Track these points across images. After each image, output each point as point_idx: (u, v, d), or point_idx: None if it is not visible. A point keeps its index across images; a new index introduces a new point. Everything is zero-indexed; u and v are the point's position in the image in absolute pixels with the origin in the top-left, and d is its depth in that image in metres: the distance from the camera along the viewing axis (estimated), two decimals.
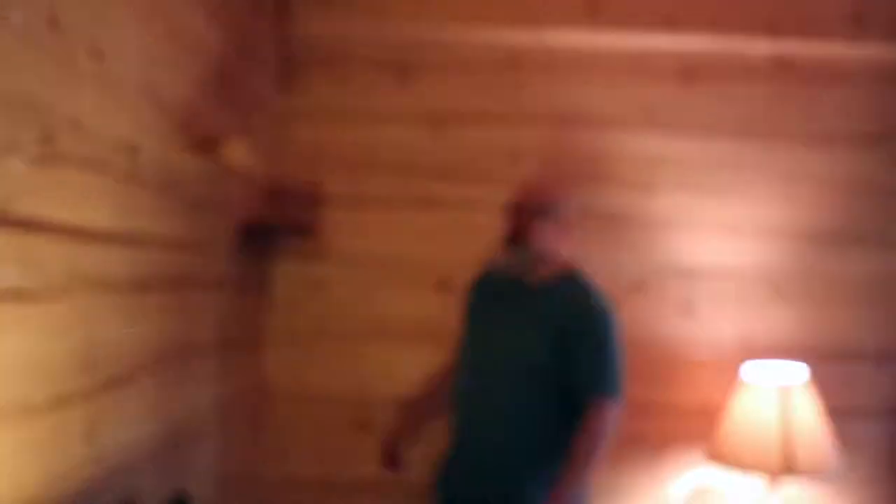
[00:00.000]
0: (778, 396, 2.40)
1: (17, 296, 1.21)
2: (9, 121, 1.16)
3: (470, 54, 2.72)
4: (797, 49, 2.69)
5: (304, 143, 2.71)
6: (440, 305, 2.65)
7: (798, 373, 2.47)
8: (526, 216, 2.23)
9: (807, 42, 2.65)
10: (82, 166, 1.38)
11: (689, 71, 2.73)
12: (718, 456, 2.45)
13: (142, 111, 1.62)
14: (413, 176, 2.70)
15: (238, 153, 1.81)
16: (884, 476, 2.68)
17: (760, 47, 2.69)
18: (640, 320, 2.69)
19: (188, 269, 1.92)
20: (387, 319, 2.69)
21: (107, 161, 1.47)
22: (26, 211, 1.22)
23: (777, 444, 2.36)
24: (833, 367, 2.68)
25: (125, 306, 1.58)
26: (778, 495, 2.45)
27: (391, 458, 2.36)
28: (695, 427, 2.66)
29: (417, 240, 2.70)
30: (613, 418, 2.10)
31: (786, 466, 2.34)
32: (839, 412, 2.59)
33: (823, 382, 2.56)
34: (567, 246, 2.28)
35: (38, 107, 1.24)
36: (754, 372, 2.48)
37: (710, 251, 2.71)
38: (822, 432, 2.42)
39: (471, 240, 2.67)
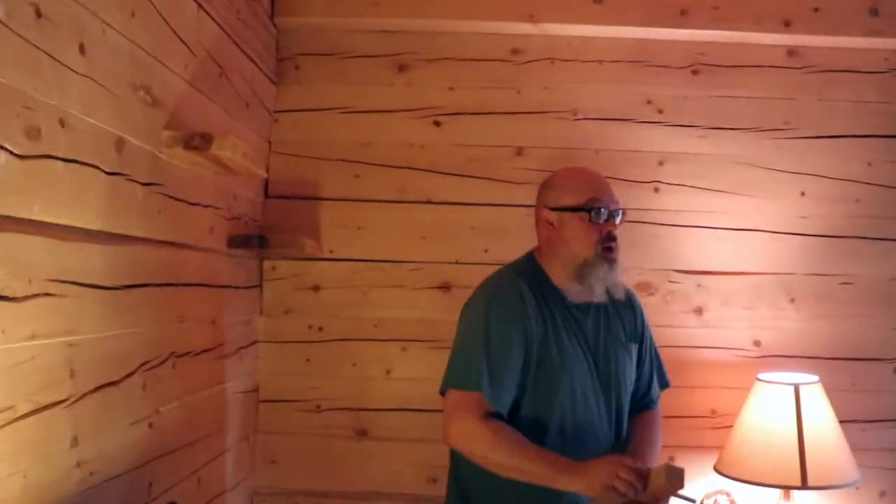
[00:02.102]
0: (792, 404, 2.35)
1: (0, 297, 1.18)
2: None
3: (471, 46, 2.68)
4: (811, 42, 2.64)
5: (300, 139, 2.67)
6: (441, 307, 2.59)
7: (812, 379, 2.41)
8: None
9: (821, 35, 2.60)
10: (68, 162, 1.35)
11: (698, 64, 2.68)
12: (729, 467, 2.39)
13: (130, 106, 1.58)
14: (412, 172, 2.66)
15: (230, 149, 1.77)
16: None
17: (772, 40, 2.64)
18: None
19: (177, 269, 1.87)
20: (385, 321, 2.64)
21: (94, 157, 1.44)
22: (10, 209, 1.19)
23: (791, 455, 2.30)
24: (848, 371, 2.64)
25: (112, 307, 1.54)
26: None
27: None
28: (704, 435, 2.61)
29: (417, 238, 2.65)
30: (453, 407, 1.85)
31: (801, 478, 2.28)
32: (855, 419, 2.55)
33: (838, 388, 2.51)
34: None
35: (23, 101, 1.21)
36: (767, 378, 2.43)
37: (720, 251, 2.66)
38: (839, 441, 2.36)
39: (472, 238, 2.62)
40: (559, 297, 1.94)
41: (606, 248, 1.89)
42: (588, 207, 1.88)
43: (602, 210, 1.89)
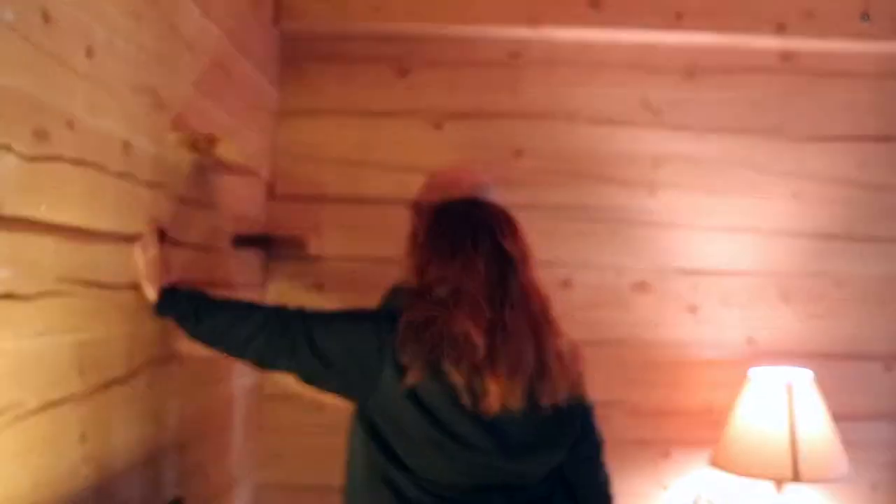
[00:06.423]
0: (785, 400, 2.38)
1: (9, 296, 1.19)
2: (0, 118, 1.14)
3: (471, 50, 2.71)
4: (803, 45, 2.67)
5: (302, 141, 2.70)
6: None
7: (805, 376, 2.44)
8: None
9: (813, 38, 2.63)
10: (76, 164, 1.37)
11: (693, 67, 2.70)
12: (723, 461, 2.42)
13: (136, 108, 1.60)
14: (413, 174, 2.67)
15: (235, 151, 1.79)
16: (893, 480, 2.65)
17: (766, 43, 2.66)
18: (643, 321, 2.66)
19: (182, 269, 1.89)
20: None
21: (101, 159, 1.45)
22: (19, 209, 1.21)
23: (784, 450, 2.33)
24: (841, 369, 2.66)
25: (119, 306, 1.56)
26: (785, 502, 2.41)
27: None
28: (699, 431, 2.64)
29: None
30: None
31: (793, 472, 2.31)
32: (847, 415, 2.57)
33: (831, 385, 2.53)
34: None
35: (31, 103, 1.22)
36: (760, 375, 2.46)
37: (714, 251, 2.69)
38: (830, 437, 2.39)
39: None
40: None
41: None
42: None
43: None
